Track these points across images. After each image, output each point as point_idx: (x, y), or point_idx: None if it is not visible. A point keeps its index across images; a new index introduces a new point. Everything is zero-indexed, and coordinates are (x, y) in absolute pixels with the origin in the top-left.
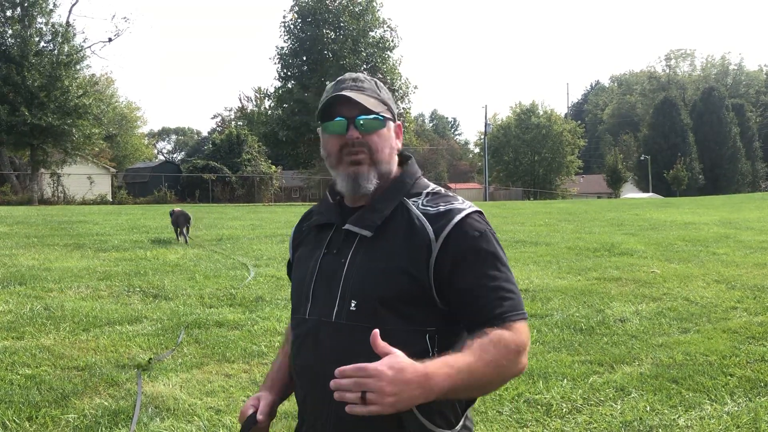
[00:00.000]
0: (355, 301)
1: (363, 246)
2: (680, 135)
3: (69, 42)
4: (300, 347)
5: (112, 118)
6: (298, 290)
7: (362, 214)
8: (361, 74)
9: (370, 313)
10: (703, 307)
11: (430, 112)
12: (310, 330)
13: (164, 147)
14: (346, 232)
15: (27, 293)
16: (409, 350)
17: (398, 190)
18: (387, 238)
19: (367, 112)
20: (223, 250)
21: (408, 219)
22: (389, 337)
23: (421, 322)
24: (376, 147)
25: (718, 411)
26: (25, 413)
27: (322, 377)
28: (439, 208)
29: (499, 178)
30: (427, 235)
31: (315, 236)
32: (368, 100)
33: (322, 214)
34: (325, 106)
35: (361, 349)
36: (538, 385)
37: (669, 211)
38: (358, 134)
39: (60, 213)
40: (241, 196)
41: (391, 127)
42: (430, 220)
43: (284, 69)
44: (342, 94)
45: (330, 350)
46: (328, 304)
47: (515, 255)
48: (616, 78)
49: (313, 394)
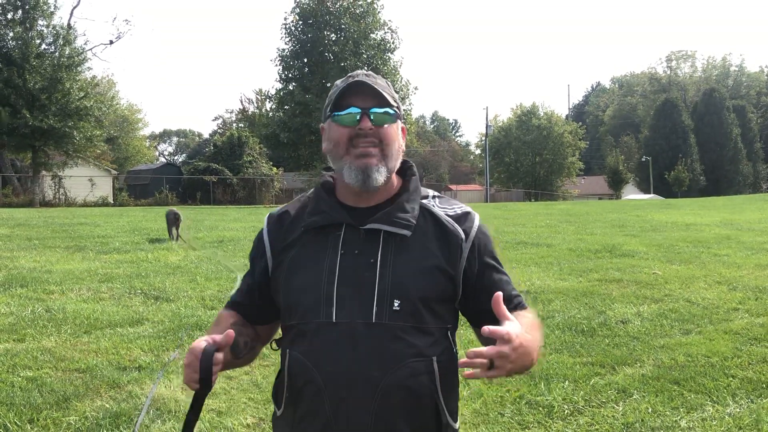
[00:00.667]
0: (399, 301)
1: (393, 245)
2: (681, 136)
3: (70, 44)
4: (330, 353)
5: (113, 121)
6: (310, 294)
7: (390, 213)
8: (372, 72)
9: (413, 312)
10: (704, 308)
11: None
12: (341, 334)
13: (165, 149)
14: (366, 231)
15: (28, 295)
16: (441, 347)
17: (417, 191)
18: (419, 238)
19: (381, 104)
20: (224, 252)
21: (433, 219)
22: (429, 334)
23: (447, 320)
24: (387, 140)
25: (720, 412)
26: (26, 415)
27: (363, 380)
28: (455, 210)
29: (500, 180)
30: (459, 235)
31: (315, 237)
32: (383, 92)
33: (325, 213)
34: (338, 96)
35: (406, 349)
36: (539, 387)
37: (670, 212)
38: (371, 125)
39: (61, 215)
40: (242, 197)
41: (399, 125)
42: (457, 221)
43: (285, 71)
44: (360, 81)
45: (372, 352)
46: (361, 305)
47: (516, 256)
48: (617, 79)
49: (351, 398)
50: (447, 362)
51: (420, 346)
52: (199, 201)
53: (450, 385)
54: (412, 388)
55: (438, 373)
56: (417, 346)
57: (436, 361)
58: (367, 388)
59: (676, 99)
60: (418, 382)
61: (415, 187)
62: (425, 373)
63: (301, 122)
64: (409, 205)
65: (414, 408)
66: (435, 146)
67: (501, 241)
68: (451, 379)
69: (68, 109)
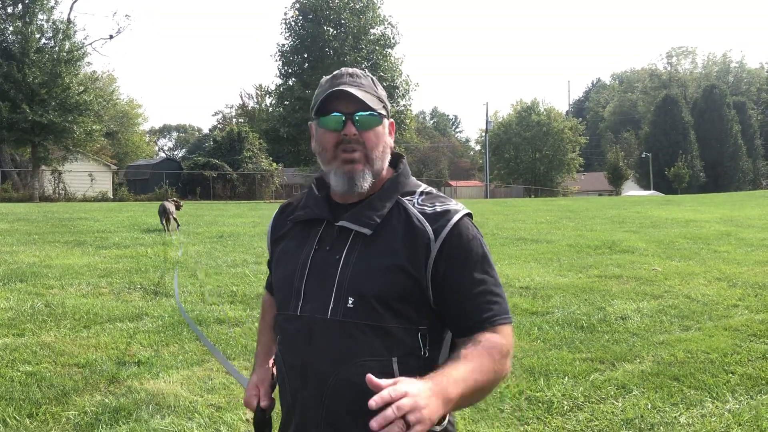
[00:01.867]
0: (353, 298)
1: (359, 243)
2: (681, 133)
3: (70, 39)
4: (291, 344)
5: (113, 116)
6: (285, 286)
7: (359, 211)
8: (358, 69)
9: (368, 310)
10: (704, 304)
11: (431, 109)
12: (302, 327)
13: (165, 144)
14: (340, 228)
15: (28, 290)
16: (403, 347)
17: (394, 189)
18: (385, 236)
19: (365, 108)
20: (224, 247)
21: (406, 218)
22: (385, 334)
23: (415, 321)
24: (371, 144)
25: (719, 409)
26: (25, 410)
27: (316, 374)
28: (435, 207)
29: (500, 176)
30: (427, 235)
31: (301, 231)
32: (366, 96)
33: (309, 208)
34: (322, 101)
35: (358, 347)
36: (539, 383)
37: (670, 208)
38: (355, 131)
39: (61, 210)
40: (242, 193)
41: (386, 124)
42: (429, 219)
43: (285, 66)
44: (342, 89)
45: (325, 347)
46: (322, 301)
47: (516, 252)
48: (618, 75)
49: (304, 391)
50: (416, 364)
51: (376, 346)
52: (199, 196)
53: None
54: (362, 386)
55: (399, 374)
56: (372, 344)
57: (396, 362)
58: (318, 383)
59: (676, 95)
60: None
61: (394, 184)
62: (380, 373)
63: (301, 117)
64: (380, 203)
65: (365, 407)
66: (435, 142)
67: (501, 237)
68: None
69: (68, 104)
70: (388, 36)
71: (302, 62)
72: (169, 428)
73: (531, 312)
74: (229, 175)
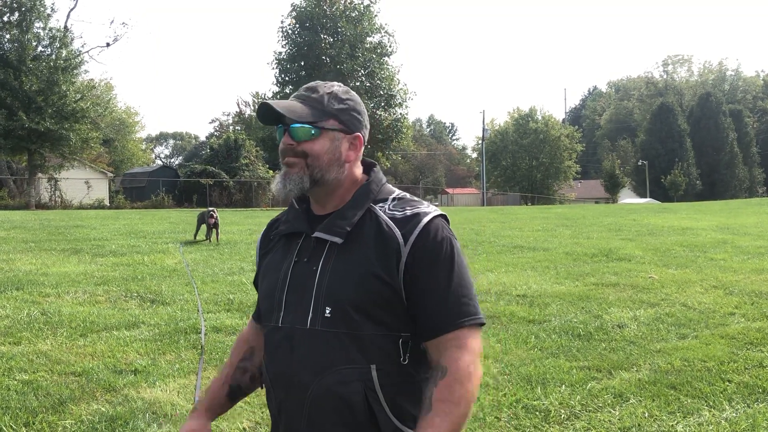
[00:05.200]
0: (330, 307)
1: (334, 253)
2: (677, 140)
3: (67, 47)
4: (273, 355)
5: (110, 123)
6: (268, 298)
7: (331, 221)
8: (322, 84)
9: (345, 318)
10: (701, 312)
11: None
12: (284, 338)
13: (162, 151)
14: (316, 239)
15: (24, 298)
16: (382, 354)
17: (365, 197)
18: (358, 244)
19: (302, 120)
20: (221, 255)
21: (377, 224)
22: (363, 342)
23: (395, 328)
24: (311, 152)
25: (716, 417)
26: (22, 419)
27: (297, 384)
28: (405, 212)
29: (497, 183)
30: (396, 240)
31: (284, 245)
32: (304, 109)
33: (289, 222)
34: (261, 114)
35: (337, 355)
36: (536, 391)
37: (666, 216)
38: (291, 141)
39: (57, 217)
40: (238, 200)
41: (337, 137)
42: (398, 224)
43: (282, 74)
44: (264, 103)
45: (305, 357)
46: (301, 311)
47: (513, 260)
48: (614, 83)
49: (288, 400)
50: (395, 370)
51: (353, 354)
52: (196, 204)
53: (403, 392)
54: (342, 395)
55: (378, 381)
56: (349, 353)
57: (375, 369)
58: (300, 392)
59: (672, 103)
60: (350, 389)
61: (365, 192)
62: (357, 381)
63: None
64: (351, 211)
65: (346, 414)
66: (431, 150)
67: (497, 245)
68: (406, 387)
69: (64, 112)
70: (384, 44)
71: (299, 70)
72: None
73: (528, 320)
74: (225, 182)
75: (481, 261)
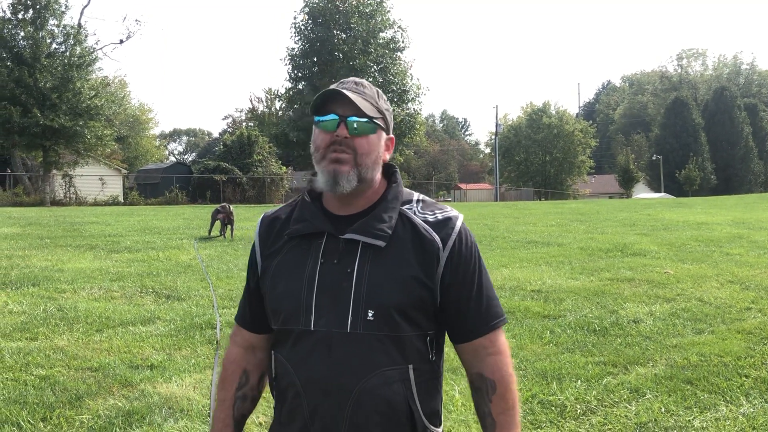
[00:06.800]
0: (372, 311)
1: (370, 255)
2: (692, 135)
3: (81, 44)
4: (304, 360)
5: (124, 120)
6: (291, 301)
7: (367, 223)
8: (365, 81)
9: (387, 321)
10: (717, 307)
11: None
12: (318, 342)
13: (175, 148)
14: (346, 240)
15: (40, 294)
16: (417, 354)
17: (396, 199)
18: (395, 247)
19: (360, 114)
20: (235, 250)
21: (412, 227)
22: (402, 343)
23: (426, 327)
24: (362, 150)
25: (733, 412)
26: (39, 414)
27: (337, 388)
28: (437, 215)
29: (510, 179)
30: (436, 244)
31: (299, 244)
32: (364, 103)
33: (308, 221)
34: (320, 101)
35: (379, 357)
36: (551, 387)
37: (681, 211)
38: (347, 133)
39: (72, 214)
40: (251, 196)
41: (383, 137)
42: (434, 228)
43: (295, 70)
44: (339, 91)
45: (346, 361)
46: (338, 314)
47: (527, 256)
48: (628, 78)
49: (326, 405)
50: (426, 368)
51: (394, 355)
52: (209, 200)
53: (429, 390)
54: (385, 396)
55: (414, 380)
56: (391, 354)
57: (412, 369)
58: (341, 396)
59: (686, 97)
60: (392, 390)
61: (395, 195)
62: (399, 381)
63: (311, 121)
64: (386, 214)
65: (388, 416)
66: (444, 145)
67: (511, 240)
68: (431, 384)
69: (79, 109)
70: (397, 40)
71: (312, 66)
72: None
73: (543, 315)
74: (239, 178)
75: (495, 256)
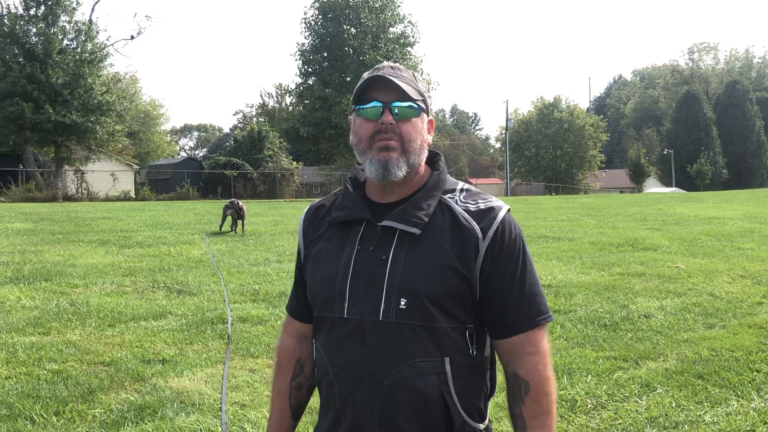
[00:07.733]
0: (405, 299)
1: (406, 243)
2: (703, 129)
3: (92, 40)
4: (339, 348)
5: (135, 116)
6: (326, 288)
7: (404, 210)
8: (399, 64)
9: (420, 310)
10: (728, 302)
11: (451, 107)
12: (352, 330)
13: (186, 144)
14: (383, 228)
15: (53, 289)
16: (454, 347)
17: (437, 187)
18: (432, 235)
19: (403, 98)
20: (246, 246)
21: (451, 216)
22: (437, 334)
23: (463, 320)
24: (408, 136)
25: (744, 407)
26: (52, 408)
27: (368, 376)
28: (479, 205)
29: (521, 173)
30: (475, 233)
31: (339, 231)
32: (406, 86)
33: (348, 209)
34: (361, 89)
35: (412, 348)
36: (562, 381)
37: (693, 205)
38: (392, 120)
39: (84, 209)
40: (262, 192)
41: (425, 119)
42: (475, 217)
43: (305, 65)
44: (381, 76)
45: (378, 349)
46: (371, 302)
47: (538, 250)
48: (639, 72)
49: (357, 394)
50: (465, 362)
51: (429, 347)
52: (220, 195)
53: (471, 384)
54: (417, 387)
55: (451, 373)
56: (425, 346)
57: (449, 362)
58: (373, 385)
59: (698, 91)
60: (425, 382)
61: (436, 182)
62: (433, 374)
63: (321, 116)
64: (425, 202)
65: (420, 407)
66: (455, 140)
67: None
68: (474, 379)
69: (90, 104)
70: (407, 34)
71: (322, 61)
72: (194, 426)
73: (553, 310)
74: (249, 174)
75: None
